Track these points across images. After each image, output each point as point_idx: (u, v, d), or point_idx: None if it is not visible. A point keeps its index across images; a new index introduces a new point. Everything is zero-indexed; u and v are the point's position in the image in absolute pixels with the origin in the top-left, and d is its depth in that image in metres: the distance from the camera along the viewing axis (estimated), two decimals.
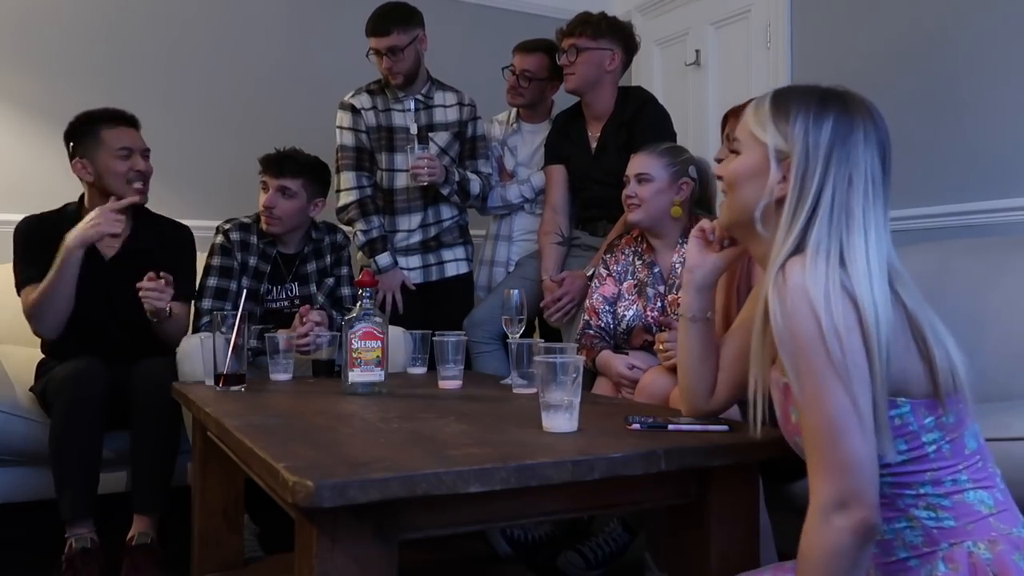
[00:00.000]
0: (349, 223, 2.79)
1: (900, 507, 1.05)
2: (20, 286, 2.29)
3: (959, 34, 2.55)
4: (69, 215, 2.38)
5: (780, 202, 1.10)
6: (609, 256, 2.32)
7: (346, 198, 2.76)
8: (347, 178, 2.77)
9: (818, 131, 1.07)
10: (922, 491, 1.03)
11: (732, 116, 1.90)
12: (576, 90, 2.71)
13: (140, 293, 2.17)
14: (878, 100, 1.17)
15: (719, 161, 1.93)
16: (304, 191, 2.45)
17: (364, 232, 2.76)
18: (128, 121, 2.39)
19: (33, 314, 2.25)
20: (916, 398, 1.03)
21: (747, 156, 1.14)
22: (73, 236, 2.19)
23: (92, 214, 2.22)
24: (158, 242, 2.37)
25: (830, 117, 1.08)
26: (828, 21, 3.01)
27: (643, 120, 2.63)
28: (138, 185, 2.34)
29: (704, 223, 1.33)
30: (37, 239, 2.30)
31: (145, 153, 2.38)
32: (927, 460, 1.03)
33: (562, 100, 3.04)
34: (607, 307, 2.26)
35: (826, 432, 0.97)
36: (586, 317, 2.28)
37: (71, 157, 2.35)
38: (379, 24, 2.68)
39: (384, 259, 2.76)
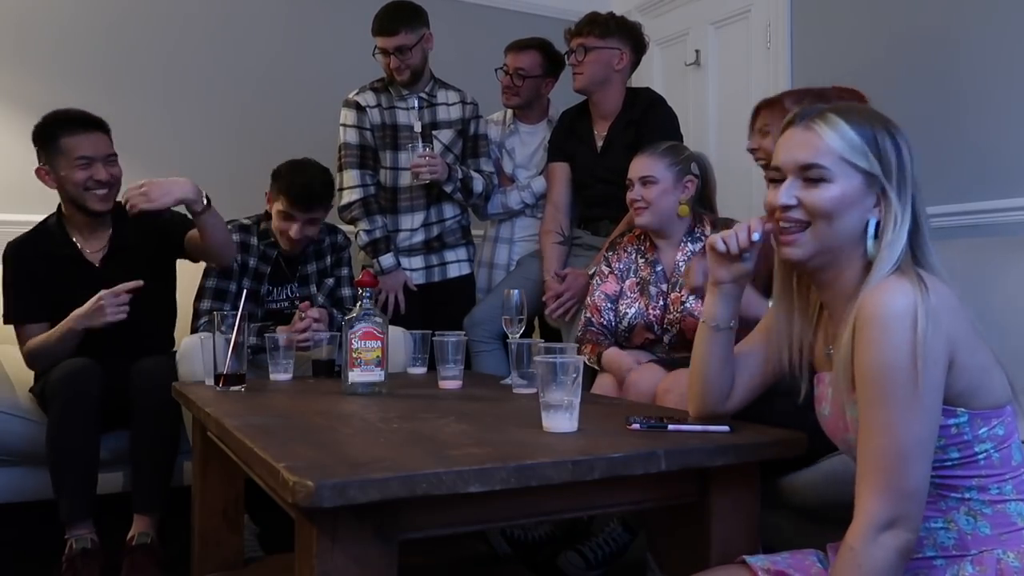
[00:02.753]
0: (352, 222, 2.79)
1: (942, 508, 1.06)
2: (10, 318, 2.29)
3: (959, 34, 2.55)
4: (52, 231, 2.35)
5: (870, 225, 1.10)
6: (611, 254, 2.32)
7: (349, 196, 2.76)
8: (350, 176, 2.77)
9: (899, 151, 1.09)
10: (967, 495, 1.05)
11: (765, 108, 1.91)
12: (583, 89, 2.71)
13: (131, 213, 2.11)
14: (877, 100, 1.18)
15: (752, 151, 1.97)
16: (325, 212, 2.48)
17: (367, 232, 2.75)
18: (90, 126, 2.27)
19: (29, 357, 2.26)
20: (974, 409, 1.04)
21: (846, 183, 1.10)
22: (76, 319, 2.14)
23: (94, 300, 2.13)
24: (141, 236, 2.34)
25: (902, 139, 1.10)
26: (828, 21, 3.01)
27: (651, 121, 2.63)
28: (100, 192, 2.27)
29: (715, 242, 1.29)
30: (25, 267, 2.28)
31: (109, 159, 2.29)
32: (976, 467, 1.05)
33: (560, 99, 3.04)
34: (609, 305, 2.26)
35: (896, 457, 0.99)
36: (588, 314, 2.28)
37: (38, 162, 2.31)
38: (386, 24, 2.69)
39: (387, 260, 2.76)
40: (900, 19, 2.73)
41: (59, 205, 2.39)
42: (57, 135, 2.26)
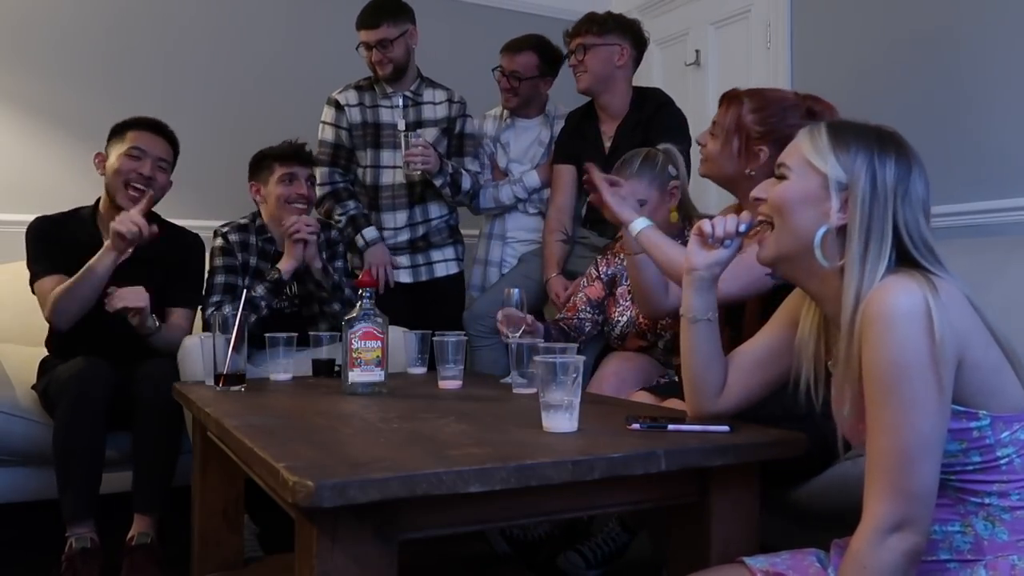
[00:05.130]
0: (328, 214, 2.80)
1: (960, 512, 1.05)
2: (35, 278, 2.30)
3: (959, 34, 2.55)
4: (82, 218, 2.39)
5: (840, 231, 1.10)
6: (601, 258, 2.32)
7: (320, 192, 2.78)
8: (320, 174, 2.78)
9: (883, 168, 1.09)
10: (987, 500, 1.04)
11: (724, 103, 1.86)
12: (588, 89, 2.69)
13: (111, 303, 2.15)
14: (878, 100, 1.18)
15: (701, 144, 1.89)
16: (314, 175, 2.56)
17: (342, 214, 2.77)
18: (157, 129, 2.40)
19: (53, 307, 2.22)
20: (996, 412, 1.03)
21: (799, 182, 1.14)
22: (94, 259, 2.18)
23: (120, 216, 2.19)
24: (166, 249, 2.36)
25: (892, 156, 1.10)
26: (828, 21, 3.01)
27: (661, 123, 2.61)
28: (136, 186, 2.31)
29: (703, 224, 1.32)
30: (48, 238, 2.33)
31: (160, 163, 2.37)
32: (998, 471, 1.04)
33: (560, 95, 3.04)
34: (587, 308, 2.27)
35: (903, 457, 0.98)
36: (565, 313, 2.30)
37: (104, 150, 2.39)
38: (369, 17, 2.71)
39: (370, 232, 2.78)
40: (900, 19, 2.73)
41: (98, 199, 2.43)
42: (127, 129, 2.38)
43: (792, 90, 1.85)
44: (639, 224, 1.76)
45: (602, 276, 2.28)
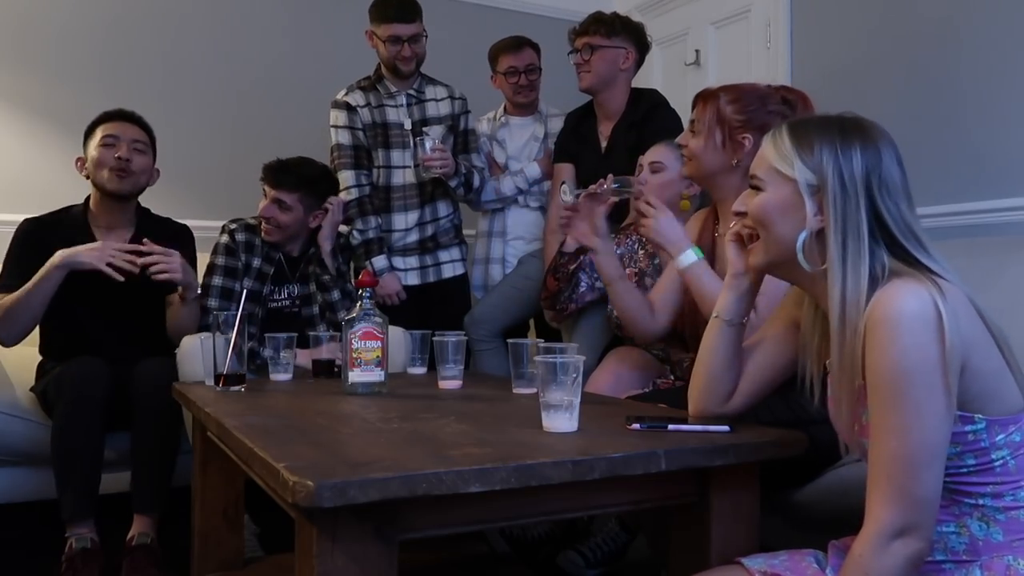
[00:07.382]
0: (347, 222, 2.79)
1: (955, 513, 1.05)
2: (3, 289, 2.26)
3: (959, 34, 2.55)
4: (73, 218, 2.39)
5: (820, 234, 1.10)
6: (615, 237, 2.33)
7: (346, 197, 2.76)
8: (346, 177, 2.77)
9: (849, 161, 1.08)
10: (981, 502, 1.04)
11: (700, 101, 1.85)
12: (590, 88, 2.71)
13: (152, 271, 2.20)
14: (877, 100, 1.18)
15: (683, 146, 1.87)
16: (300, 204, 2.42)
17: (360, 232, 2.76)
18: (125, 117, 2.39)
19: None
20: (991, 415, 1.03)
21: (774, 192, 1.13)
22: (62, 255, 2.16)
23: (96, 244, 2.20)
24: (158, 241, 2.33)
25: (856, 146, 1.09)
26: (828, 21, 3.01)
27: (654, 123, 2.62)
28: (118, 171, 2.31)
29: (740, 228, 1.29)
30: (32, 244, 2.30)
31: (136, 144, 2.36)
32: (992, 473, 1.04)
33: (550, 97, 3.04)
34: (589, 269, 2.31)
35: (908, 463, 0.98)
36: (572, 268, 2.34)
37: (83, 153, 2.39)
38: (404, 11, 2.71)
39: (380, 262, 2.76)
40: (900, 19, 2.73)
41: (87, 197, 2.42)
42: (96, 125, 2.38)
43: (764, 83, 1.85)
44: (689, 257, 1.70)
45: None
